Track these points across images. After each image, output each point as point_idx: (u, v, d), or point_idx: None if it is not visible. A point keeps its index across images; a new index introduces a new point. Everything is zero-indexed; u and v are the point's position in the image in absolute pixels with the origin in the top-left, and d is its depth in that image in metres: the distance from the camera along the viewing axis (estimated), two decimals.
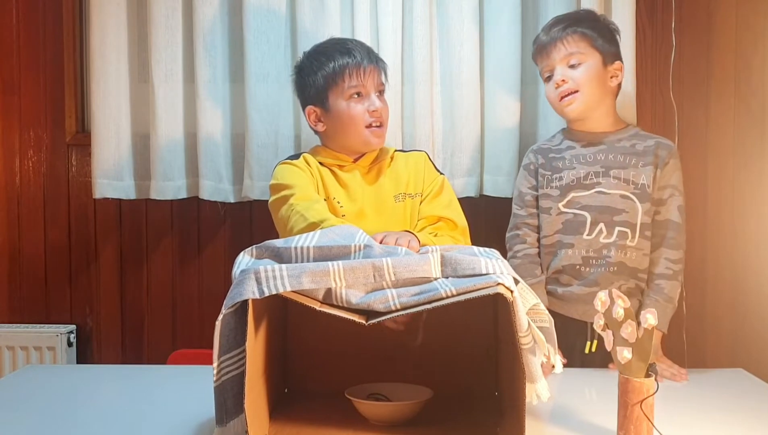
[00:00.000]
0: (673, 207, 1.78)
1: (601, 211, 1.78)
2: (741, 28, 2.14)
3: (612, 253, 1.76)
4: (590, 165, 1.81)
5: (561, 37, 1.81)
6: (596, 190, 1.79)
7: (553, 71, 1.82)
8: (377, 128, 1.77)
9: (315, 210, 1.62)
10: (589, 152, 1.82)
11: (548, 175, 1.85)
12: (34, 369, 1.71)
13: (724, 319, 2.19)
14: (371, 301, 1.09)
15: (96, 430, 1.26)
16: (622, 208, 1.77)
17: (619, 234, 1.77)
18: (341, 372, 1.36)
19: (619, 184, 1.78)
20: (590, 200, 1.79)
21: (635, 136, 1.84)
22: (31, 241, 2.34)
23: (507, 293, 1.05)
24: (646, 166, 1.79)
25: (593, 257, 1.78)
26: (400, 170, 1.83)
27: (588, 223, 1.78)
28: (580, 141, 1.85)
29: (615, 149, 1.81)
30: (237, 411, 1.09)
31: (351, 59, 1.77)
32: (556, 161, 1.85)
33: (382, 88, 1.81)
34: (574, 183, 1.81)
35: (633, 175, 1.78)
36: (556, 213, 1.82)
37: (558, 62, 1.81)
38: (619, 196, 1.78)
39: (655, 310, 1.15)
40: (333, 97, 1.77)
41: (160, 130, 2.14)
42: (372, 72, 1.77)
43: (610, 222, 1.77)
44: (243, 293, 1.05)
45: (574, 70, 1.80)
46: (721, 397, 1.43)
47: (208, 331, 2.33)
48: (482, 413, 1.28)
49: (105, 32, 2.14)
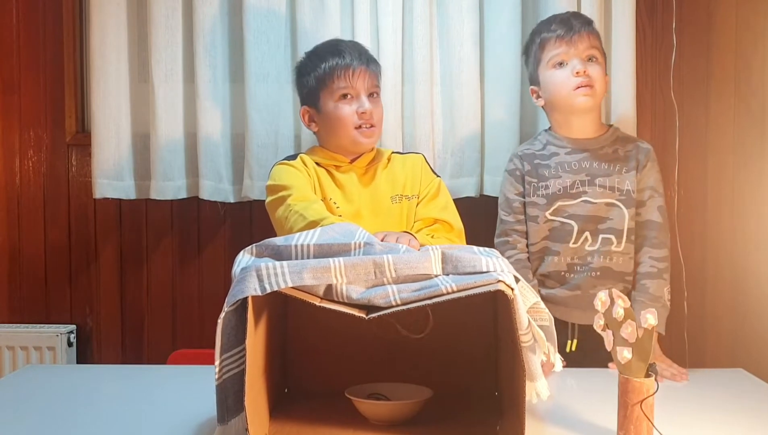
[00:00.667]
0: (653, 208, 1.80)
1: (587, 220, 1.80)
2: (741, 28, 2.14)
3: (595, 259, 1.79)
4: (575, 173, 1.81)
5: (587, 31, 1.80)
6: (582, 199, 1.81)
7: (568, 61, 1.79)
8: (367, 129, 1.77)
9: (313, 209, 1.63)
10: (574, 160, 1.83)
11: (534, 182, 1.85)
12: (34, 369, 1.71)
13: (724, 319, 2.19)
14: (372, 296, 1.09)
15: (96, 430, 1.26)
16: (607, 215, 1.80)
17: (603, 241, 1.79)
18: (341, 371, 1.36)
19: (605, 192, 1.80)
20: (577, 209, 1.81)
21: (616, 140, 1.84)
22: (31, 241, 2.34)
23: (508, 291, 1.05)
24: (629, 171, 1.80)
25: (577, 264, 1.81)
26: (396, 172, 1.83)
27: (575, 231, 1.81)
28: (563, 147, 1.85)
29: (599, 156, 1.82)
30: (238, 409, 1.10)
31: (340, 60, 1.77)
32: (542, 169, 1.85)
33: (375, 90, 1.81)
34: (561, 192, 1.82)
35: (618, 181, 1.80)
36: (543, 221, 1.83)
37: (581, 52, 1.78)
38: (604, 205, 1.80)
39: (654, 310, 1.15)
40: (323, 98, 1.79)
41: (160, 130, 2.14)
42: (362, 73, 1.77)
43: (595, 230, 1.80)
44: (245, 290, 1.05)
45: (592, 65, 1.79)
46: (721, 397, 1.43)
47: (208, 331, 2.34)
48: (482, 412, 1.27)
49: (105, 32, 2.15)
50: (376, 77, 1.83)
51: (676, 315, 1.93)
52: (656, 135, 2.18)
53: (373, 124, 1.79)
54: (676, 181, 2.16)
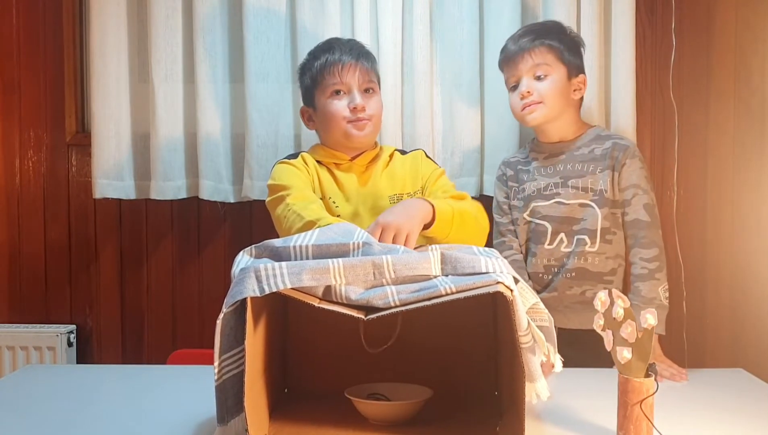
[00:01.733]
0: (639, 206, 1.78)
1: (561, 221, 1.83)
2: (741, 28, 2.14)
3: (570, 260, 1.80)
4: (550, 176, 1.85)
5: (529, 48, 1.82)
6: (555, 200, 1.83)
7: (519, 81, 1.83)
8: (360, 122, 1.76)
9: (311, 209, 1.63)
10: (550, 163, 1.87)
11: (515, 186, 1.92)
12: (34, 369, 1.71)
13: (724, 319, 2.19)
14: (370, 297, 1.09)
15: (96, 430, 1.26)
16: (581, 216, 1.81)
17: (578, 242, 1.81)
18: (341, 372, 1.36)
19: (578, 193, 1.81)
20: (550, 210, 1.84)
21: (595, 139, 1.85)
22: (31, 241, 2.34)
23: (507, 292, 1.05)
24: (603, 170, 1.80)
25: (554, 265, 1.83)
26: (396, 171, 1.83)
27: (549, 233, 1.83)
28: (542, 153, 1.89)
29: (574, 158, 1.84)
30: (238, 410, 1.10)
31: (330, 56, 1.77)
32: (522, 174, 1.91)
33: (369, 85, 1.79)
34: (535, 193, 1.86)
35: (591, 181, 1.81)
36: (522, 222, 1.88)
37: (525, 73, 1.82)
38: (577, 206, 1.82)
39: (654, 310, 1.15)
40: (318, 96, 1.80)
41: (160, 130, 2.14)
42: (352, 68, 1.76)
43: (570, 231, 1.82)
44: (243, 291, 1.05)
45: (539, 81, 1.82)
46: (721, 397, 1.43)
47: (208, 331, 2.34)
48: (482, 413, 1.27)
49: (105, 32, 2.15)
50: (370, 72, 1.80)
51: (676, 315, 1.94)
52: (656, 135, 2.18)
53: (369, 118, 1.77)
54: (676, 181, 2.16)
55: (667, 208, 2.16)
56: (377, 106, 1.81)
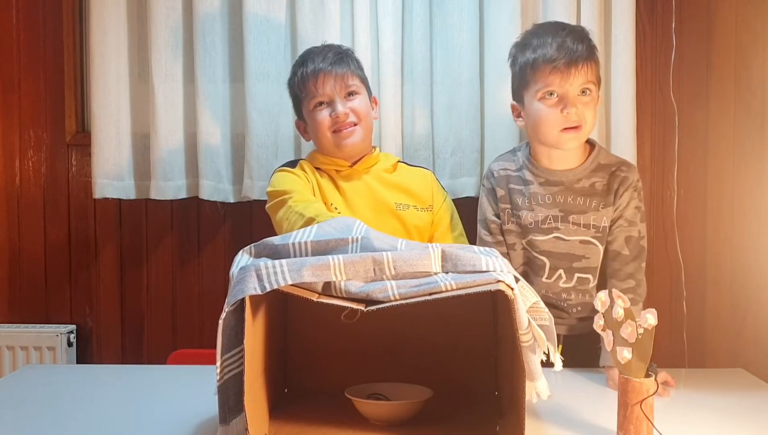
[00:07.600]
0: (621, 238, 1.66)
1: (560, 257, 1.69)
2: (741, 29, 2.14)
3: (572, 296, 1.71)
4: (548, 208, 1.68)
5: (587, 62, 1.58)
6: (554, 235, 1.68)
7: (565, 94, 1.58)
8: (347, 130, 1.76)
9: (313, 207, 1.64)
10: (548, 193, 1.68)
11: (508, 209, 1.73)
12: (34, 369, 1.71)
13: (724, 319, 2.19)
14: (370, 291, 1.09)
15: (96, 430, 1.26)
16: (582, 254, 1.68)
17: (579, 280, 1.69)
18: (341, 371, 1.36)
19: (579, 229, 1.67)
20: (548, 246, 1.69)
21: (596, 169, 1.67)
22: (31, 241, 2.34)
23: (508, 290, 1.05)
24: (606, 206, 1.66)
25: (552, 298, 1.71)
26: (404, 181, 1.84)
27: (547, 268, 1.70)
28: (538, 177, 1.69)
29: (574, 191, 1.66)
30: (239, 409, 1.09)
31: (305, 70, 1.78)
32: (515, 195, 1.72)
33: (349, 89, 1.78)
34: (532, 226, 1.70)
35: (593, 218, 1.66)
36: (520, 248, 1.74)
37: (576, 87, 1.58)
38: (578, 243, 1.67)
39: (654, 310, 1.15)
40: (304, 110, 1.82)
41: (160, 130, 2.14)
42: (328, 77, 1.75)
43: (570, 268, 1.69)
44: (245, 290, 1.05)
45: (584, 98, 1.60)
46: (721, 397, 1.43)
47: (208, 331, 2.35)
48: (482, 412, 1.27)
49: (105, 32, 2.15)
50: (348, 76, 1.78)
51: (676, 315, 1.94)
52: (656, 135, 2.18)
53: (354, 124, 1.77)
54: (676, 181, 2.16)
55: (667, 208, 2.16)
56: (362, 106, 1.80)
